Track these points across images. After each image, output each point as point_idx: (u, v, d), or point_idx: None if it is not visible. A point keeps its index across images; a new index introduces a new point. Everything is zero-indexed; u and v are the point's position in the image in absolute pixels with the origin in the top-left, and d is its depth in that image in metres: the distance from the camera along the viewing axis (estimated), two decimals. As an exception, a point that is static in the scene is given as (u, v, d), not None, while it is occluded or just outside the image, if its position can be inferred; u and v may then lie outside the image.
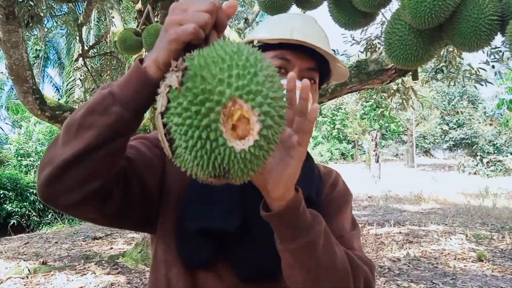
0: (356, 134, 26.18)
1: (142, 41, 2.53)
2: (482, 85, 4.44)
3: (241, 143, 0.58)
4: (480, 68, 4.50)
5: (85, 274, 4.76)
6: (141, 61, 0.70)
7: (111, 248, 6.36)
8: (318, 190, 1.00)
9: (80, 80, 8.58)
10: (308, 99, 0.73)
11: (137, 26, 2.88)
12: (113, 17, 6.08)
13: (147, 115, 5.31)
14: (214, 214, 0.88)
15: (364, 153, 28.43)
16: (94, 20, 15.08)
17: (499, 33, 1.19)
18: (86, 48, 6.68)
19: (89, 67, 7.28)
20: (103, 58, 7.72)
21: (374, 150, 20.85)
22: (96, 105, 0.69)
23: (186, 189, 0.92)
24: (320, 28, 1.04)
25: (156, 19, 3.98)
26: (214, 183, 0.62)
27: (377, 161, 19.25)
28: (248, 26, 7.41)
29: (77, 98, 13.18)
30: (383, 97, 5.57)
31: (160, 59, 0.65)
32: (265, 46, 0.96)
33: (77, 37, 6.59)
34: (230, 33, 7.42)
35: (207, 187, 0.69)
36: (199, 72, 0.57)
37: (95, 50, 8.01)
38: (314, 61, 0.98)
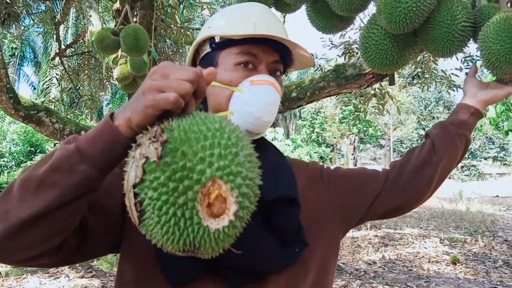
0: (335, 137, 26.41)
1: (119, 41, 2.49)
2: (454, 90, 4.55)
3: (215, 222, 0.57)
4: (453, 74, 4.60)
5: (58, 278, 4.67)
6: (112, 116, 0.66)
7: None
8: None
9: (57, 79, 8.41)
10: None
11: (115, 25, 2.84)
12: (91, 16, 5.99)
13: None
14: None
15: (342, 157, 28.70)
16: (72, 19, 14.86)
17: (472, 39, 1.22)
18: (63, 47, 6.57)
19: (66, 66, 7.15)
20: (80, 57, 7.61)
21: (352, 154, 21.09)
22: (61, 162, 0.64)
23: None
24: (275, 16, 1.02)
25: (134, 19, 3.94)
26: (179, 255, 0.61)
27: (355, 165, 19.47)
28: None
29: (53, 98, 12.94)
30: (361, 102, 5.63)
31: (134, 121, 0.63)
32: (228, 41, 0.94)
33: (54, 36, 6.48)
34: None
35: None
36: (179, 147, 0.56)
37: (73, 49, 7.89)
38: (278, 53, 0.97)
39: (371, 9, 1.46)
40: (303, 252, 0.88)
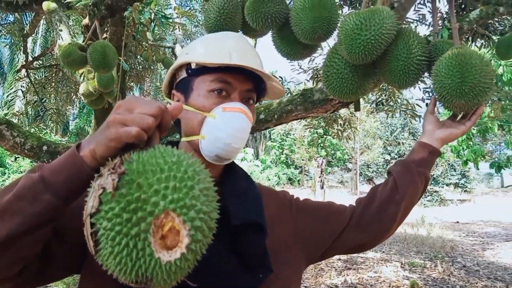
0: (303, 160, 26.65)
1: (86, 57, 2.47)
2: (416, 120, 4.71)
3: (168, 254, 0.58)
4: (416, 104, 4.76)
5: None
6: (78, 146, 0.68)
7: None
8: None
9: (22, 91, 8.20)
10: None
11: (83, 41, 2.82)
12: (61, 30, 5.91)
13: (90, 132, 5.14)
14: None
15: (310, 179, 28.93)
16: (42, 31, 14.60)
17: (427, 73, 1.28)
18: (30, 59, 6.44)
19: (32, 79, 7.00)
20: (48, 70, 7.46)
21: (320, 177, 21.28)
22: (25, 191, 0.65)
23: None
24: (252, 47, 1.06)
25: (105, 35, 3.91)
26: (133, 286, 0.61)
27: (322, 187, 19.64)
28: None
29: (17, 111, 12.58)
30: (325, 126, 5.73)
31: (98, 152, 0.65)
32: (203, 68, 0.96)
33: (22, 48, 6.35)
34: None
35: None
36: (136, 179, 0.58)
37: (41, 62, 7.73)
38: (252, 82, 1.00)
39: (335, 37, 1.51)
40: (266, 278, 0.89)
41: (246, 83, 0.99)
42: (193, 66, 0.98)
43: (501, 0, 2.77)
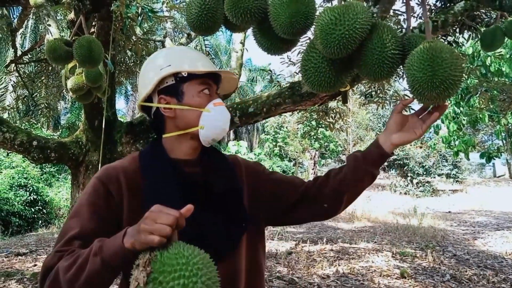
0: (296, 152, 26.70)
1: (72, 52, 2.47)
2: (406, 111, 4.74)
3: None
4: (405, 95, 4.80)
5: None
6: (124, 234, 0.96)
7: (35, 265, 6.02)
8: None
9: (12, 86, 8.14)
10: None
11: (69, 36, 2.81)
12: (49, 25, 5.87)
13: (80, 127, 5.15)
14: None
15: (305, 171, 29.00)
16: (31, 25, 14.47)
17: (401, 66, 1.31)
18: (19, 53, 6.40)
19: (21, 73, 6.95)
20: (37, 64, 7.41)
21: (313, 169, 21.36)
22: (93, 274, 0.98)
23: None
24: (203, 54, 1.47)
25: (92, 30, 3.90)
26: None
27: (315, 180, 19.68)
28: (190, 41, 7.42)
29: (7, 105, 12.49)
30: (317, 118, 5.77)
31: (136, 247, 0.91)
32: (190, 76, 1.28)
33: (11, 42, 6.30)
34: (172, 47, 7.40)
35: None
36: (158, 276, 0.85)
37: (30, 56, 7.68)
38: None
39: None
40: (247, 227, 1.25)
41: (215, 82, 1.35)
42: (184, 74, 1.27)
43: (484, -7, 2.80)
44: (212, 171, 1.29)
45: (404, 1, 3.39)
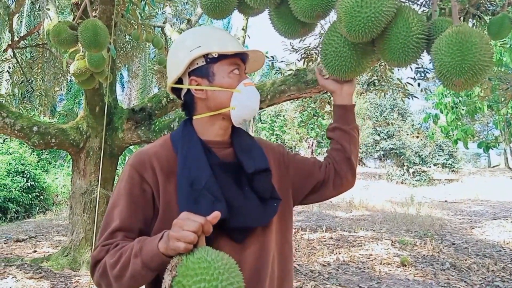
0: (294, 141, 26.69)
1: (77, 36, 2.42)
2: (409, 99, 4.73)
3: None
4: (408, 83, 4.77)
5: (5, 278, 4.47)
6: (161, 238, 1.02)
7: (35, 251, 6.01)
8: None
9: (9, 72, 8.04)
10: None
11: (73, 19, 2.75)
12: (48, 9, 5.77)
13: (81, 113, 5.09)
14: (202, 211, 1.06)
15: (300, 160, 28.96)
16: (27, 10, 14.28)
17: (425, 51, 1.28)
18: (16, 38, 6.29)
19: (18, 59, 6.86)
20: (35, 50, 7.31)
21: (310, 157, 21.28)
22: (136, 273, 1.05)
23: (176, 210, 1.15)
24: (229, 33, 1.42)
25: (94, 14, 3.83)
26: None
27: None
28: (190, 27, 7.34)
29: (5, 92, 12.35)
30: (317, 106, 5.73)
31: (168, 252, 0.98)
32: (220, 56, 1.26)
33: (8, 27, 6.20)
34: (172, 33, 7.31)
35: (192, 200, 1.13)
36: (181, 280, 0.91)
37: (27, 41, 7.57)
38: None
39: (333, 16, 1.49)
40: (278, 205, 1.26)
41: (243, 62, 1.34)
42: (215, 55, 1.26)
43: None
44: (243, 152, 1.30)
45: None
